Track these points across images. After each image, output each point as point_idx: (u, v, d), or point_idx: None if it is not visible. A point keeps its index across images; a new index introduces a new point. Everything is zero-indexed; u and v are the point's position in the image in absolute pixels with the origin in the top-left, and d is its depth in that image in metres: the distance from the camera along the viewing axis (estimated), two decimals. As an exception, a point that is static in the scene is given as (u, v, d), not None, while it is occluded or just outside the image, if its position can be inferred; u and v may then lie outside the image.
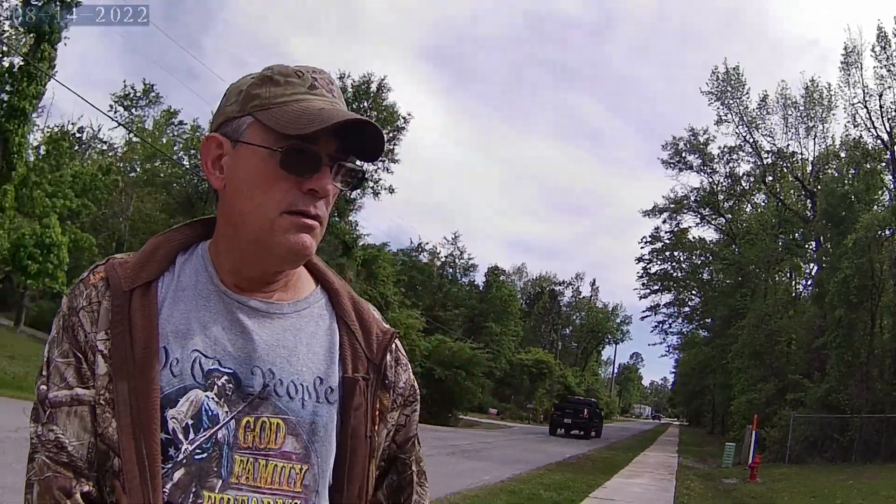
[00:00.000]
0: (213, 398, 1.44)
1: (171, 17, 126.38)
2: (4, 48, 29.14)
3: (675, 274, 67.68)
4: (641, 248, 67.39)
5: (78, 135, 43.70)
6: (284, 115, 1.44)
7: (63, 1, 26.47)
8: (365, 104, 57.06)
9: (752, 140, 52.41)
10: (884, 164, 36.88)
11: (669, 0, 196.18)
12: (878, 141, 37.32)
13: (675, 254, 66.65)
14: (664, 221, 64.15)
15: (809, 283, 49.26)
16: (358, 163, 1.55)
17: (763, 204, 57.16)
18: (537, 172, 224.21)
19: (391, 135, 58.03)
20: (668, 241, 65.58)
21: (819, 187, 43.47)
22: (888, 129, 36.74)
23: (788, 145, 49.89)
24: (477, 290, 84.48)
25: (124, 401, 1.40)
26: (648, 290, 68.65)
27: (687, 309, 69.01)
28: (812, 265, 48.00)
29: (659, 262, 67.62)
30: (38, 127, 36.96)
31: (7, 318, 37.68)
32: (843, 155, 42.65)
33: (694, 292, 67.58)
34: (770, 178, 52.79)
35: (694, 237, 64.12)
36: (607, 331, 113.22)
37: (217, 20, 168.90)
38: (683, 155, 58.53)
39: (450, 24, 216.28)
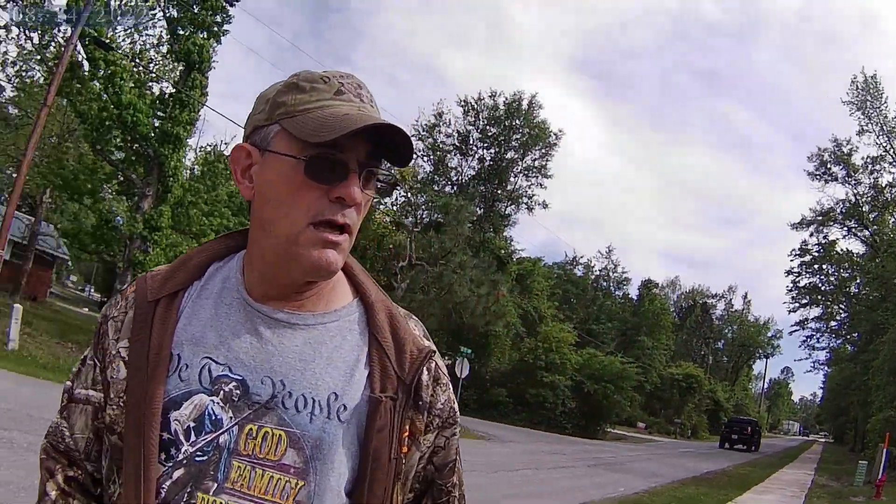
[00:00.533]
0: (218, 403, 1.46)
1: (318, 34, 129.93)
2: (153, 75, 30.79)
3: (823, 287, 65.49)
4: (791, 260, 65.48)
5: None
6: (309, 123, 1.44)
7: (211, 31, 27.91)
8: (517, 121, 58.25)
9: (892, 150, 52.00)
10: None
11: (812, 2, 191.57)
12: None
13: (824, 267, 64.51)
14: (811, 235, 62.86)
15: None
16: (391, 168, 1.56)
17: None
18: (690, 182, 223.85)
19: (543, 150, 59.35)
20: (816, 254, 63.76)
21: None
22: None
23: None
24: (630, 303, 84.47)
25: (133, 403, 1.47)
26: (797, 304, 66.37)
27: (835, 323, 66.72)
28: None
29: (808, 275, 65.41)
30: (191, 147, 38.49)
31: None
32: None
33: (841, 306, 65.26)
34: None
35: (842, 249, 62.17)
36: (758, 345, 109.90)
37: (365, 37, 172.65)
38: (829, 166, 57.76)
39: (599, 34, 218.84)
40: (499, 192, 59.01)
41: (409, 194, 47.14)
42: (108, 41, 26.19)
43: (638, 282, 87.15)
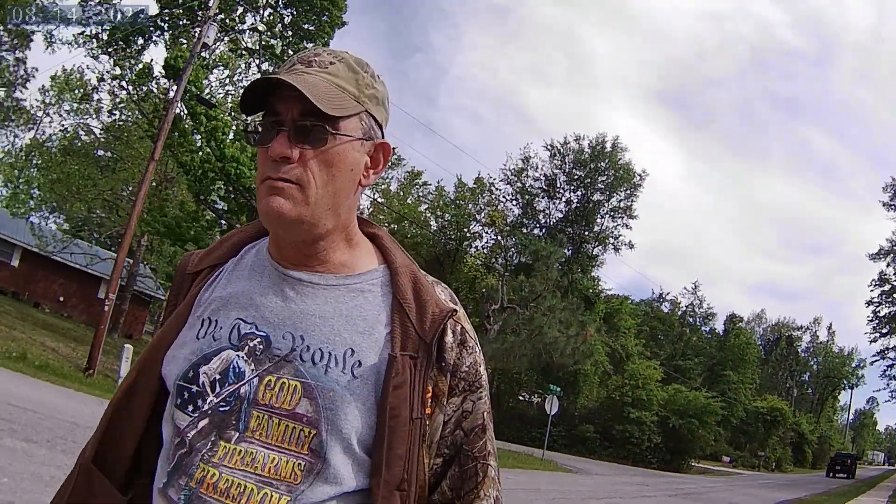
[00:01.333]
0: (243, 357, 1.54)
1: (401, 73, 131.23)
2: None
3: None
4: (871, 290, 65.09)
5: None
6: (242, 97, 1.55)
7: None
8: (602, 163, 59.12)
9: None
10: None
11: (884, 21, 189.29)
12: None
13: None
14: (888, 265, 62.65)
15: None
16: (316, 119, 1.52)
17: None
18: (773, 210, 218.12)
19: (629, 191, 59.89)
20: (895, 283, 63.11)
21: None
22: None
23: None
24: (717, 337, 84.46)
25: (149, 354, 1.67)
26: (878, 335, 65.43)
27: None
28: None
29: (888, 305, 64.46)
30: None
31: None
32: None
33: None
34: None
35: None
36: (843, 375, 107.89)
37: (448, 74, 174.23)
38: None
39: (677, 64, 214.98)
40: (586, 233, 59.64)
41: (500, 237, 47.93)
42: (209, 97, 27.48)
43: (724, 316, 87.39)
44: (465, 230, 58.21)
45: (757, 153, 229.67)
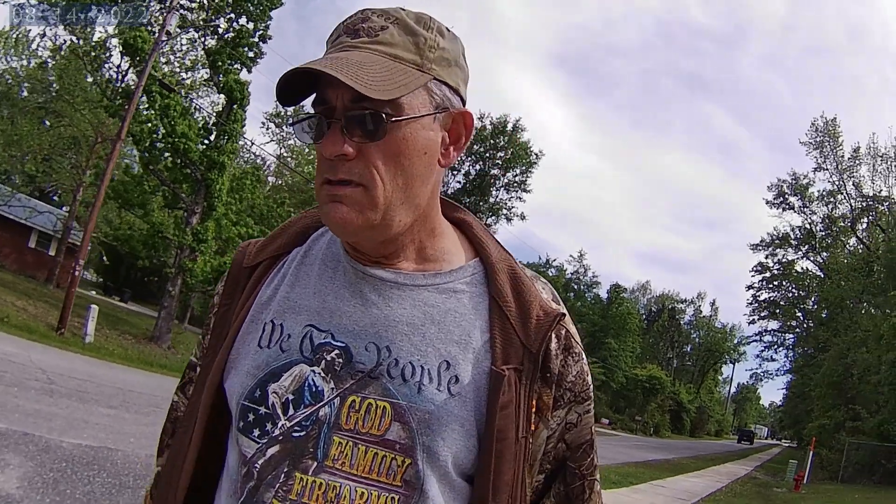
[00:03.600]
0: (319, 373, 1.33)
1: (304, 18, 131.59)
2: (200, 107, 34.54)
3: (782, 303, 69.07)
4: (752, 276, 69.33)
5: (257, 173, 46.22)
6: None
7: (245, 64, 31.33)
8: (502, 141, 63.15)
9: (845, 189, 56.38)
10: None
11: (797, 11, 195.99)
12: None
13: (784, 283, 68.18)
14: (766, 257, 67.06)
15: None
16: (368, 105, 1.25)
17: (852, 247, 59.91)
18: (669, 183, 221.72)
19: (524, 167, 63.88)
20: (776, 272, 67.17)
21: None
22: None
23: (882, 191, 53.54)
24: (600, 304, 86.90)
25: (205, 366, 1.48)
26: (756, 317, 70.52)
27: (792, 337, 70.15)
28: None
29: (768, 290, 69.34)
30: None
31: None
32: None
33: (794, 322, 68.65)
34: (865, 223, 56.45)
35: (801, 269, 66.27)
36: (724, 350, 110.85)
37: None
38: (786, 196, 61.72)
39: (582, 30, 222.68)
40: (481, 203, 62.90)
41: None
42: (162, 76, 29.71)
43: (610, 282, 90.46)
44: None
45: (657, 126, 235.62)
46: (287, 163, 61.70)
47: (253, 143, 32.90)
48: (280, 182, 63.59)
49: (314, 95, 1.31)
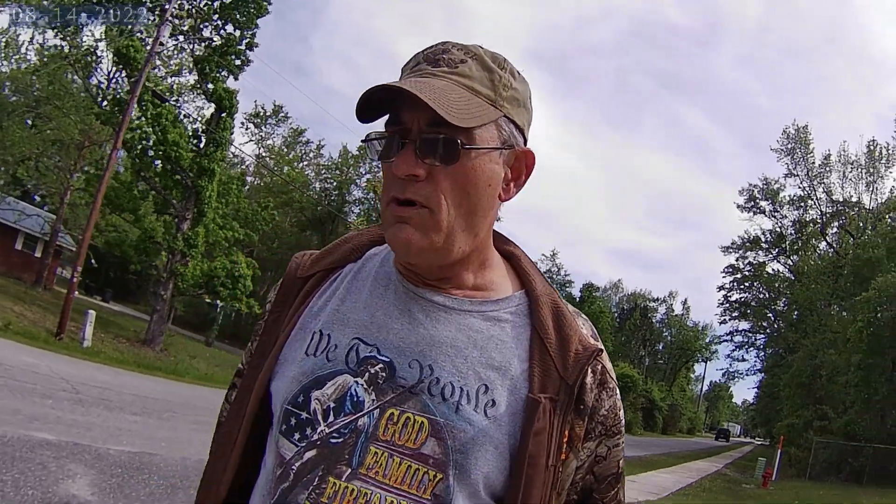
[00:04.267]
0: (362, 385, 1.37)
1: (280, 15, 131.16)
2: (191, 115, 35.16)
3: (753, 304, 69.35)
4: (723, 276, 69.57)
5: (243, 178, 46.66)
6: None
7: (232, 71, 32.15)
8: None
9: (815, 195, 57.43)
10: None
11: (773, 11, 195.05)
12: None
13: (755, 284, 68.51)
14: (737, 259, 67.68)
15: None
16: (443, 129, 1.31)
17: (822, 251, 61.47)
18: (643, 181, 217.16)
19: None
20: (747, 273, 68.13)
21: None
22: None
23: (852, 196, 54.80)
24: (573, 303, 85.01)
25: (250, 374, 1.52)
26: (727, 317, 70.93)
27: (762, 337, 70.52)
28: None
29: (739, 291, 69.73)
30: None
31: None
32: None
33: (765, 323, 69.66)
34: (835, 228, 57.66)
35: (772, 270, 66.53)
36: (696, 349, 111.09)
37: (326, 17, 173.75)
38: (757, 201, 62.24)
39: (556, 28, 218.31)
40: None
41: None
42: (154, 85, 30.19)
43: (584, 279, 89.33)
44: (346, 194, 62.76)
45: (631, 124, 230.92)
46: (266, 163, 62.20)
47: (231, 143, 32.39)
48: (258, 182, 63.76)
49: (388, 115, 1.37)
